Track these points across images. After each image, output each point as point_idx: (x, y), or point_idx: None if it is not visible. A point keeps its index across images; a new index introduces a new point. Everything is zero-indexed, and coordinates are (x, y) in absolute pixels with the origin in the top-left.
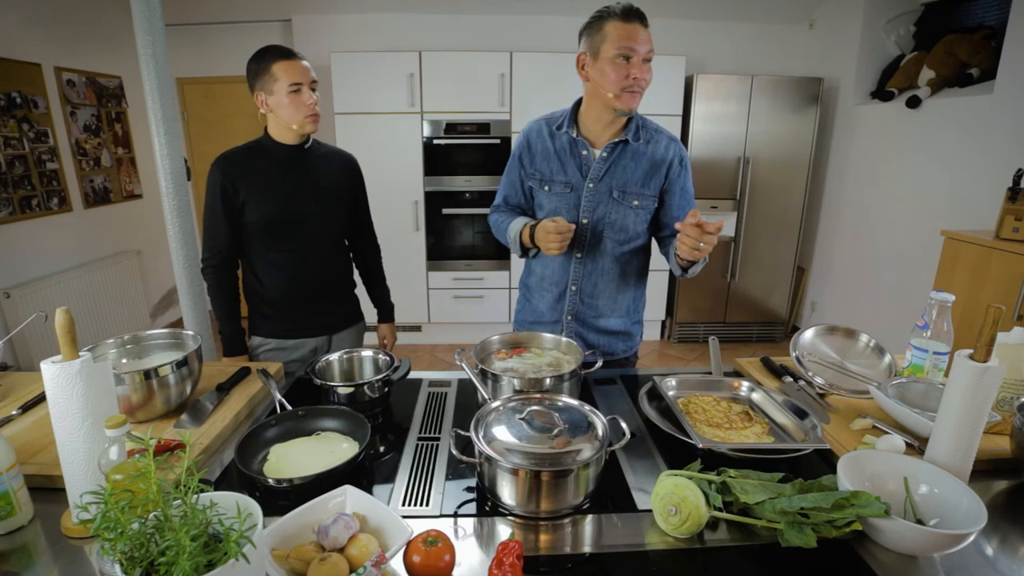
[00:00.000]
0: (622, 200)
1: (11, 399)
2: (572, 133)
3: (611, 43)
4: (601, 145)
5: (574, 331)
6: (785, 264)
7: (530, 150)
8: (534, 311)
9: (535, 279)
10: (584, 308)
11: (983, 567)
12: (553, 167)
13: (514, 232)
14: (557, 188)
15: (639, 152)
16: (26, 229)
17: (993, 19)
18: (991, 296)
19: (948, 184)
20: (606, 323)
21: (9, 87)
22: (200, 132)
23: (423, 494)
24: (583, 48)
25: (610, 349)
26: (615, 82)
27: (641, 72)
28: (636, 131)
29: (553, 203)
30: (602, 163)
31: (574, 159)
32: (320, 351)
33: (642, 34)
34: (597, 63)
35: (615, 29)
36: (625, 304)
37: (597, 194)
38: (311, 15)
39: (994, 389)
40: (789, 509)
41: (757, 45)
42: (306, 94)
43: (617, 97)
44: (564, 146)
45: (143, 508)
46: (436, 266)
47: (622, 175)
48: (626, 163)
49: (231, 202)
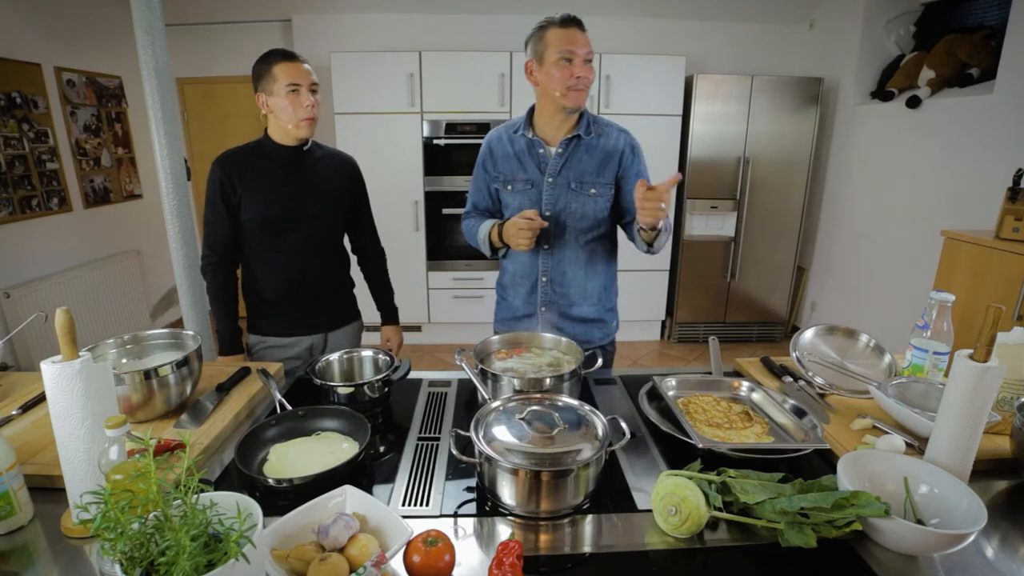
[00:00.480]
0: (580, 190)
1: (11, 399)
2: (528, 135)
3: (553, 48)
4: (556, 143)
5: (549, 322)
6: (785, 264)
7: (492, 155)
8: (509, 307)
9: (508, 277)
10: (557, 297)
11: (983, 567)
12: (514, 167)
13: (483, 234)
14: (519, 186)
15: (592, 145)
16: (26, 229)
17: (993, 19)
18: (991, 296)
19: (948, 184)
20: (579, 311)
21: (9, 87)
22: (200, 132)
23: (423, 494)
24: (529, 56)
25: (586, 337)
26: (560, 82)
27: (583, 71)
28: (587, 127)
29: (517, 200)
30: (558, 158)
31: (532, 158)
32: (316, 349)
33: (580, 38)
34: (543, 67)
35: (556, 36)
36: (596, 291)
37: (556, 187)
38: (311, 15)
39: (994, 389)
40: (789, 509)
41: (757, 45)
42: (304, 96)
43: (564, 95)
44: (523, 147)
45: (143, 508)
46: (436, 266)
47: (577, 167)
48: (580, 156)
49: (230, 200)
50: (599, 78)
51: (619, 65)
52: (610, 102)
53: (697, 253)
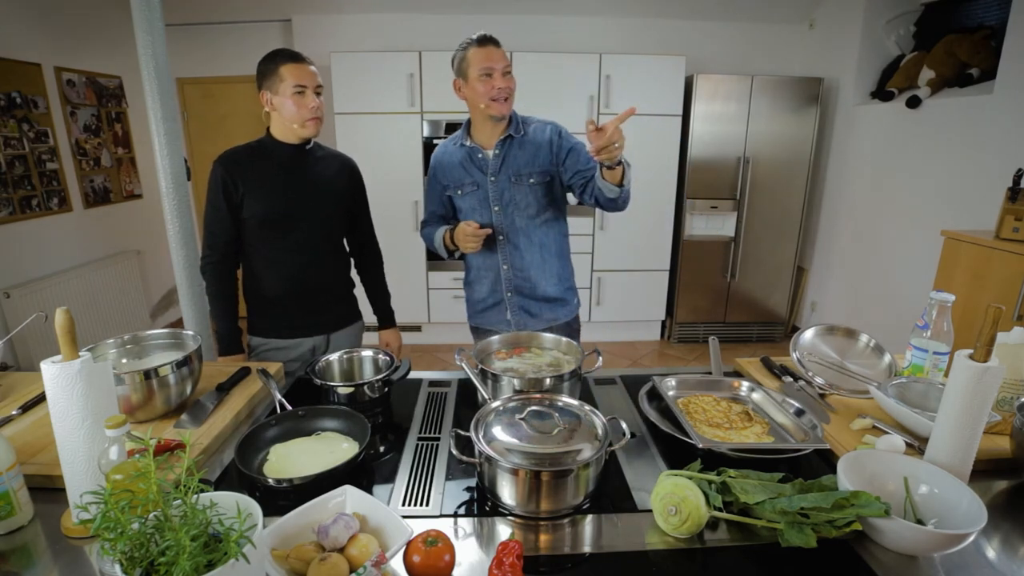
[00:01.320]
0: (519, 182)
1: (11, 399)
2: (467, 143)
3: (474, 66)
4: (491, 146)
5: (518, 305)
6: (785, 264)
7: (441, 167)
8: (478, 300)
9: (473, 272)
10: (520, 282)
11: (983, 567)
12: (460, 174)
13: (438, 239)
14: (467, 189)
15: (523, 141)
16: (26, 229)
17: (993, 19)
18: (991, 296)
19: (948, 184)
20: (544, 291)
21: (9, 87)
22: (200, 132)
23: (423, 494)
24: (456, 75)
25: (553, 315)
26: (484, 94)
27: (504, 82)
28: (517, 126)
29: (468, 202)
30: (496, 159)
31: (474, 162)
32: (318, 350)
33: (496, 54)
34: (468, 83)
35: (475, 55)
36: (555, 271)
37: (499, 184)
38: (311, 15)
39: (994, 389)
40: (789, 509)
41: (757, 45)
42: (309, 97)
43: (488, 106)
44: (464, 156)
45: (143, 508)
46: (436, 266)
47: (514, 162)
48: (515, 153)
49: (232, 199)
50: (599, 78)
51: (619, 65)
52: (610, 102)
53: (697, 253)
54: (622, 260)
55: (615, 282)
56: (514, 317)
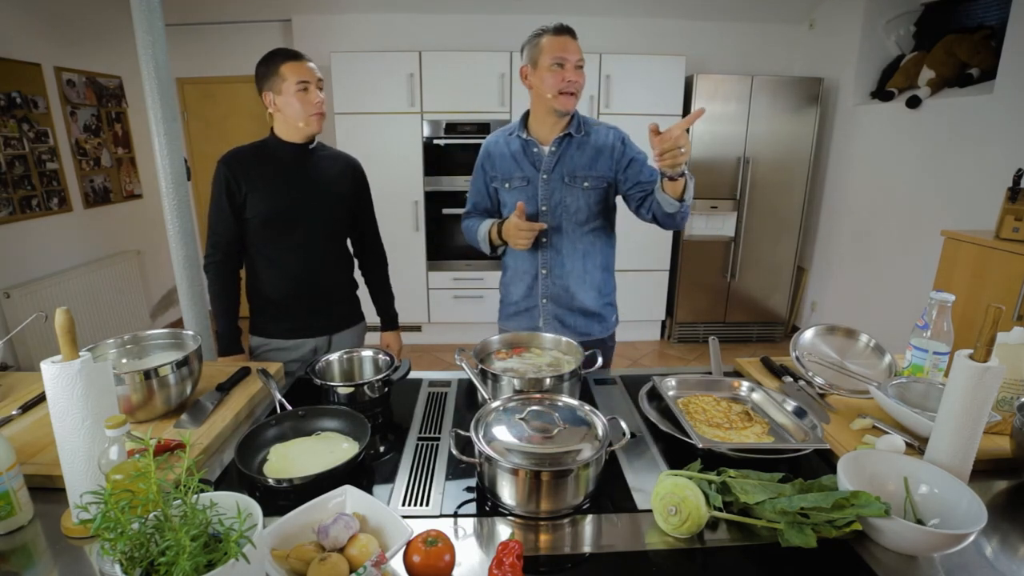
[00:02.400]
0: (573, 184)
1: (11, 399)
2: (523, 135)
3: (547, 54)
4: (549, 142)
5: (552, 314)
6: (785, 264)
7: (490, 157)
8: (512, 303)
9: (510, 274)
10: (557, 289)
11: (983, 567)
12: (511, 167)
13: (483, 232)
14: (516, 183)
15: (583, 142)
16: (26, 229)
17: (993, 19)
18: (991, 296)
19: (948, 184)
20: (580, 303)
21: (9, 87)
22: (200, 132)
23: (423, 494)
24: (524, 61)
25: (587, 330)
26: (553, 86)
27: (574, 76)
28: (578, 126)
29: (514, 197)
30: (552, 156)
31: (528, 157)
32: (320, 351)
33: (571, 45)
34: (537, 72)
35: (549, 43)
36: (595, 283)
37: (551, 183)
38: (311, 15)
39: (994, 389)
40: (789, 509)
41: (757, 45)
42: (313, 93)
43: (555, 98)
44: (518, 148)
45: (143, 508)
46: (436, 266)
47: (570, 163)
48: (572, 152)
49: (235, 199)
50: (599, 78)
51: (619, 65)
52: (610, 102)
53: (697, 253)
54: (622, 260)
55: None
56: (546, 326)
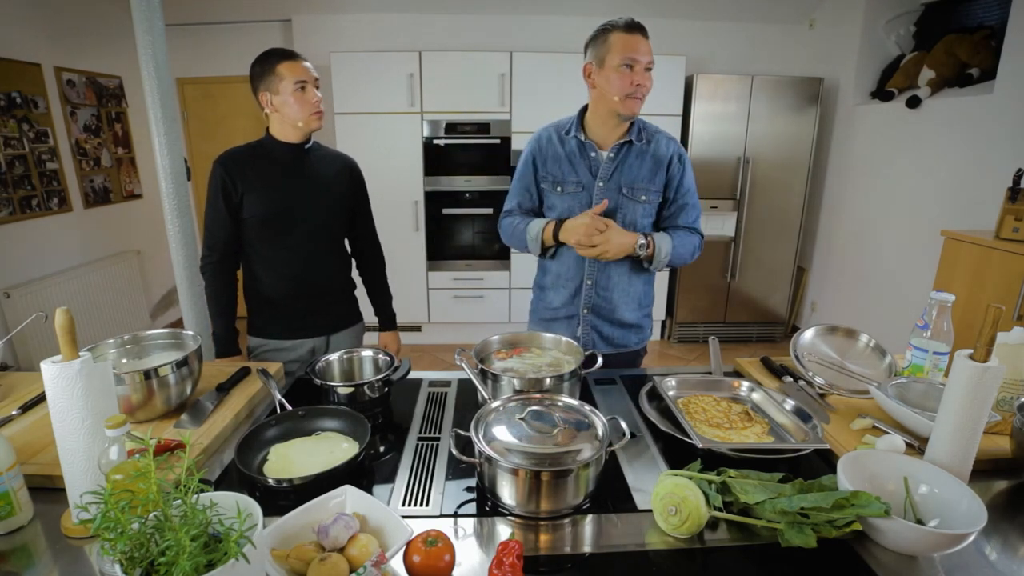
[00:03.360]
0: (631, 196)
1: (11, 399)
2: (581, 137)
3: (616, 53)
4: (608, 147)
5: (590, 324)
6: (785, 264)
7: (542, 154)
8: (549, 308)
9: (551, 278)
10: (600, 301)
11: (983, 567)
12: (564, 169)
13: (535, 231)
14: (569, 188)
15: (643, 151)
16: (26, 229)
17: (993, 19)
18: (991, 296)
19: (948, 184)
20: (621, 315)
21: (9, 87)
22: (200, 132)
23: (423, 494)
24: (589, 58)
25: (624, 342)
26: (620, 88)
27: (643, 79)
28: (639, 132)
29: (566, 203)
30: (610, 163)
31: (584, 161)
32: (318, 352)
33: (643, 45)
34: (603, 71)
35: (619, 40)
36: (637, 296)
37: (607, 192)
38: (311, 15)
39: (994, 389)
40: (789, 509)
41: (757, 45)
42: (311, 92)
43: (621, 102)
44: (573, 150)
45: (143, 508)
46: (436, 266)
47: (629, 173)
48: (632, 162)
49: (231, 199)
50: None
51: None
52: None
53: None
54: None
55: None
56: (584, 336)
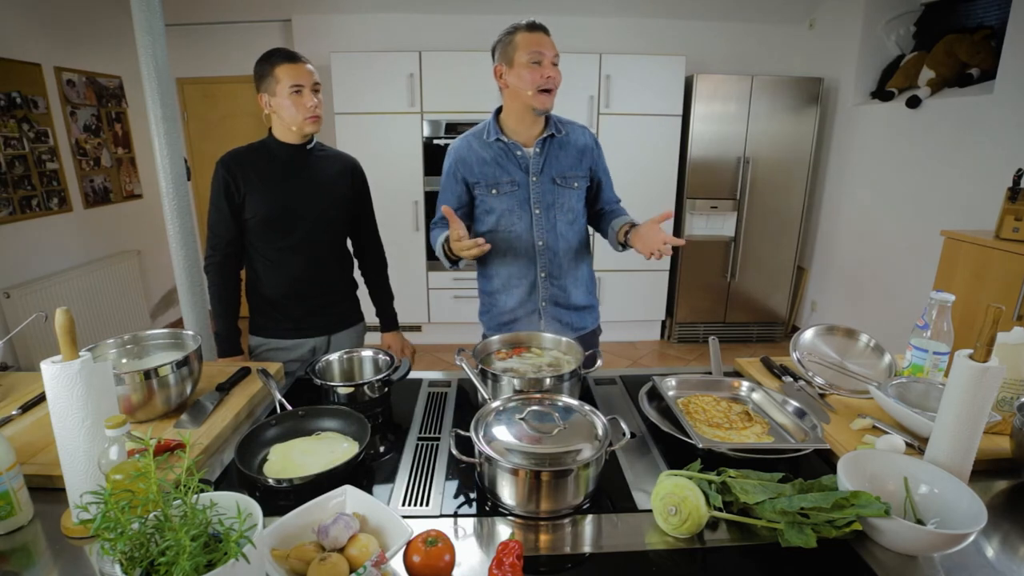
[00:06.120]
0: (565, 184)
1: (11, 399)
2: (504, 139)
3: (523, 50)
4: (530, 144)
5: (551, 315)
6: (785, 264)
7: (466, 163)
8: (504, 311)
9: (499, 281)
10: (556, 291)
11: (983, 567)
12: (495, 171)
13: (438, 247)
14: (504, 188)
15: (564, 142)
16: (26, 229)
17: (993, 19)
18: (991, 296)
19: (948, 184)
20: (576, 300)
21: (9, 87)
22: (200, 132)
23: (423, 494)
24: (498, 61)
25: (582, 324)
26: (531, 82)
27: (553, 72)
28: (556, 126)
29: (504, 203)
30: (538, 158)
31: (511, 160)
32: (319, 351)
33: (547, 41)
34: (513, 70)
35: (524, 39)
36: (585, 278)
37: (542, 185)
38: (311, 15)
39: (994, 389)
40: (789, 509)
41: (757, 45)
42: (307, 96)
43: (535, 96)
44: (498, 152)
45: (143, 508)
46: (436, 266)
47: (558, 164)
48: (557, 153)
49: (234, 199)
50: (599, 78)
51: (619, 65)
52: (610, 102)
53: (697, 253)
54: (622, 260)
55: (615, 282)
56: (548, 328)
